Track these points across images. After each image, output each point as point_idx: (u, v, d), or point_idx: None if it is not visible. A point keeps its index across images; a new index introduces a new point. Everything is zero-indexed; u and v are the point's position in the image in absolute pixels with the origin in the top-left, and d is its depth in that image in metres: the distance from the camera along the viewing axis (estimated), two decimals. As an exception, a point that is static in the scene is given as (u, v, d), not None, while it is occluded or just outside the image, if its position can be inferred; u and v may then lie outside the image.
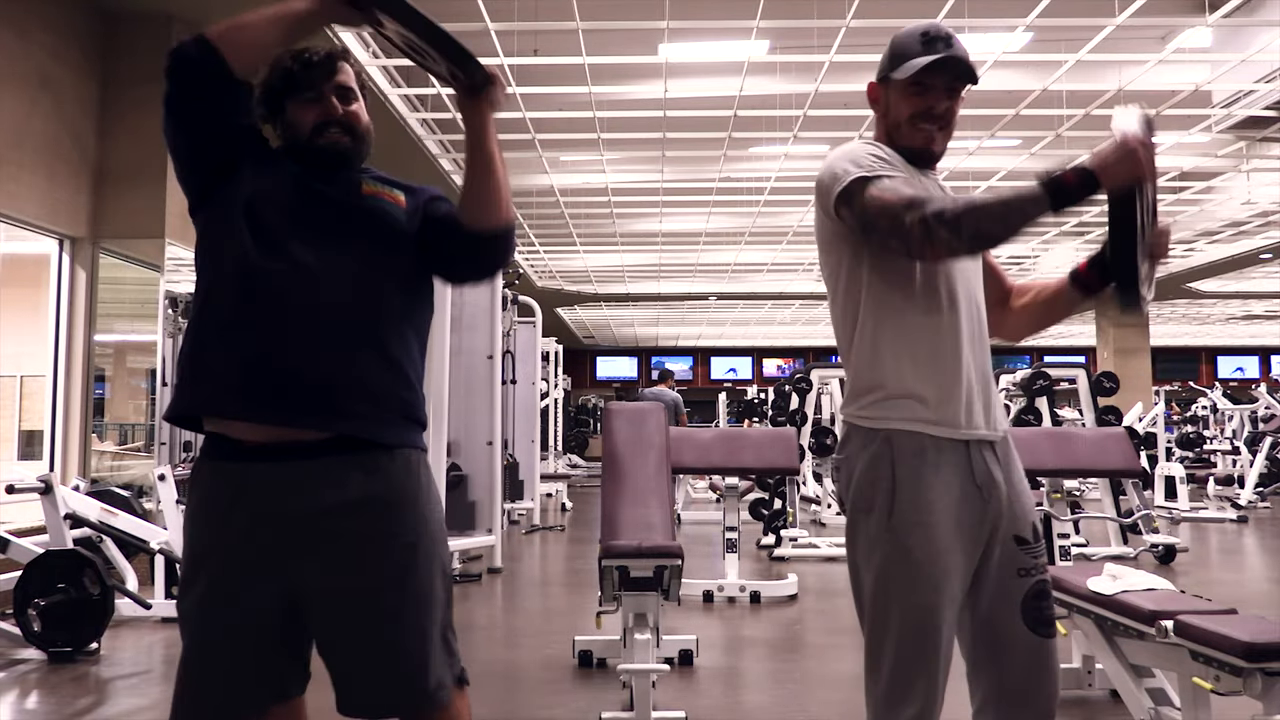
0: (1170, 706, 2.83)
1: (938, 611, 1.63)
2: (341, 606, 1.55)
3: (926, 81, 1.71)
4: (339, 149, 1.67)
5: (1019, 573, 1.69)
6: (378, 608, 1.55)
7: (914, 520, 1.63)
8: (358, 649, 1.56)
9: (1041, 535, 1.75)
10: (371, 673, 1.55)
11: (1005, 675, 1.68)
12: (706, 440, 5.69)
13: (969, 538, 1.67)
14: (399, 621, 1.55)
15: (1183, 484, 9.60)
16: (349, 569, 1.55)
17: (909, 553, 1.63)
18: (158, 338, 6.43)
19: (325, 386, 1.55)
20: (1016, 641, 1.67)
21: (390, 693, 1.56)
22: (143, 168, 6.41)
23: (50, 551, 4.24)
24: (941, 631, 1.64)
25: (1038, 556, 1.72)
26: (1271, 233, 13.27)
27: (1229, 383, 21.19)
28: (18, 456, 9.28)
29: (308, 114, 1.66)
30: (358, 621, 1.55)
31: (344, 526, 1.55)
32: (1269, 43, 7.05)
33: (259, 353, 1.53)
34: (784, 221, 12.93)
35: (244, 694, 1.56)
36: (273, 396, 1.53)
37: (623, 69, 8.00)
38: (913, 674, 1.62)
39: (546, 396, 11.91)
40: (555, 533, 8.98)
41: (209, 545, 1.57)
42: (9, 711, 3.52)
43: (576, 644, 4.00)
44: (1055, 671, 1.70)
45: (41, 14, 5.92)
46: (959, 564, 1.66)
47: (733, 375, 26.76)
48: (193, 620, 1.57)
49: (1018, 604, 1.67)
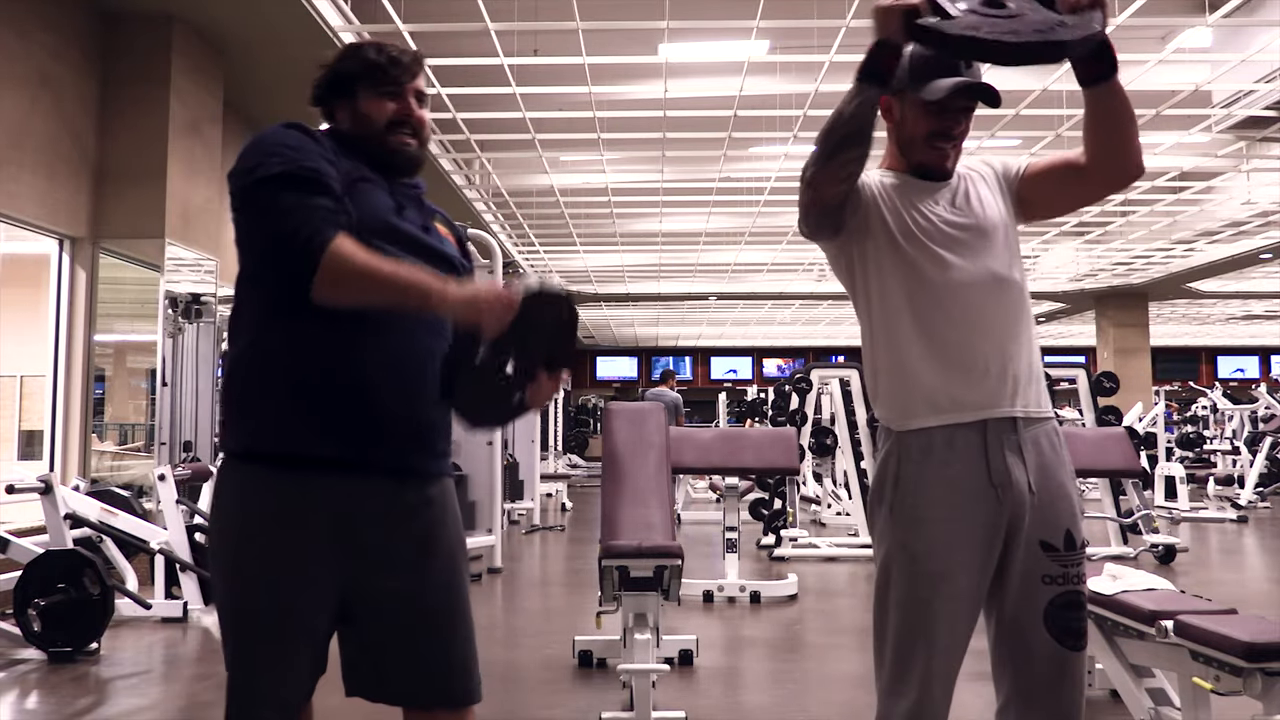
0: (1170, 706, 2.83)
1: (932, 605, 1.65)
2: (400, 608, 1.61)
3: (949, 104, 1.70)
4: (408, 153, 1.66)
5: (1043, 580, 1.66)
6: (439, 608, 1.63)
7: (912, 516, 1.67)
8: (414, 646, 1.61)
9: (1079, 544, 1.69)
10: (425, 668, 1.62)
11: (1026, 681, 1.67)
12: (706, 440, 5.70)
13: (981, 536, 1.66)
14: (455, 622, 1.64)
15: (1183, 484, 9.61)
16: (409, 572, 1.61)
17: (905, 547, 1.67)
18: (158, 338, 6.43)
19: (428, 428, 1.62)
20: (1039, 649, 1.65)
21: (441, 685, 1.63)
22: (143, 168, 6.41)
23: (50, 551, 4.24)
24: (937, 626, 1.64)
25: (1068, 565, 1.67)
26: (1271, 233, 13.26)
27: (1229, 383, 21.19)
28: (18, 456, 9.29)
29: (384, 108, 1.63)
30: (418, 621, 1.61)
31: (404, 531, 1.61)
32: (1269, 43, 7.05)
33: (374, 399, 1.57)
34: (784, 221, 12.92)
35: (304, 685, 1.61)
36: (381, 439, 1.57)
37: (623, 69, 8.00)
38: (909, 666, 1.65)
39: (546, 396, 11.88)
40: (555, 533, 8.98)
41: (268, 545, 1.57)
42: (9, 711, 3.52)
43: (576, 644, 4.00)
44: (1079, 683, 1.67)
45: (41, 14, 5.92)
46: (966, 560, 1.65)
47: (733, 375, 26.76)
48: (254, 615, 1.58)
49: (1040, 611, 1.65)
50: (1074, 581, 1.67)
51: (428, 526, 1.64)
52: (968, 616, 1.68)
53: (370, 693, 1.63)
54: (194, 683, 3.87)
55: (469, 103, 8.51)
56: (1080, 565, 1.69)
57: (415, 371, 1.59)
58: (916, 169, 1.74)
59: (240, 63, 7.21)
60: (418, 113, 1.66)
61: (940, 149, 1.73)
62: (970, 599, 1.67)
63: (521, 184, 11.20)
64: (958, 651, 1.67)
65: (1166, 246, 14.51)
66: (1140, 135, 1.72)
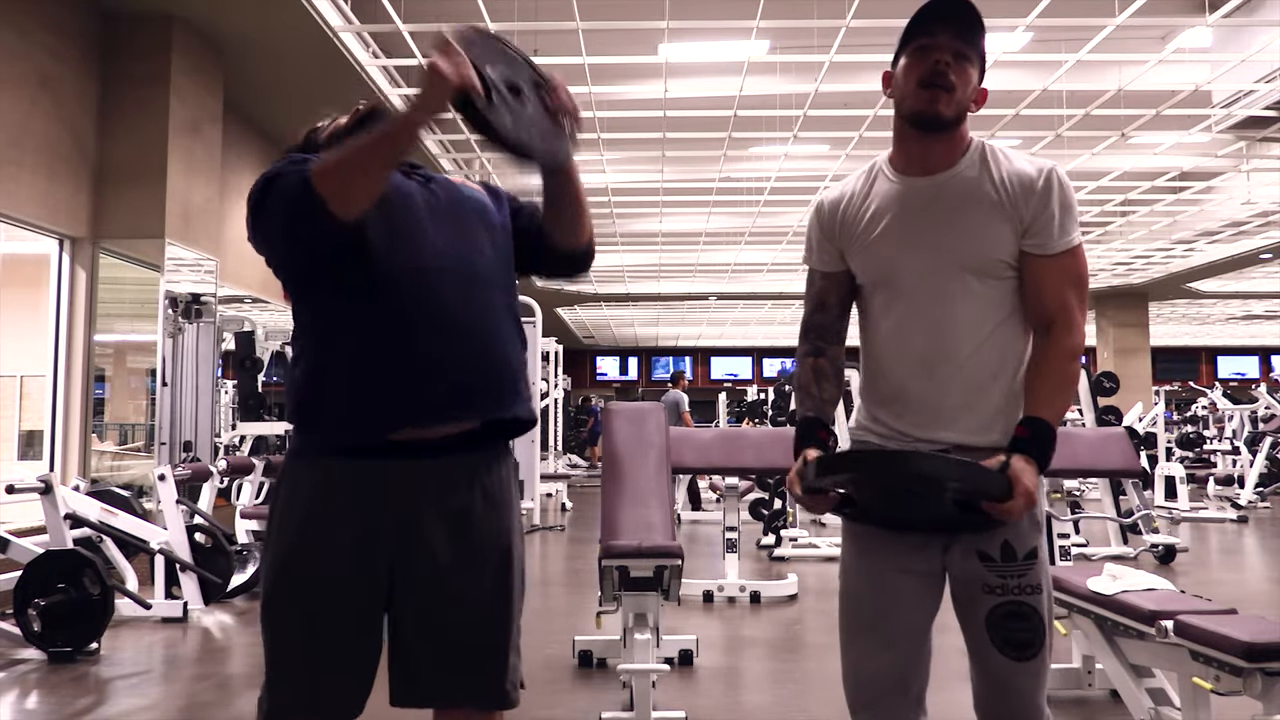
0: (1170, 706, 2.83)
1: (865, 598, 1.72)
2: (443, 597, 1.59)
3: (928, 42, 1.64)
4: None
5: (984, 589, 1.64)
6: (469, 596, 1.60)
7: (848, 513, 1.74)
8: (441, 636, 1.59)
9: (1022, 555, 1.63)
10: (458, 662, 1.59)
11: (980, 688, 1.69)
12: (706, 440, 5.69)
13: (916, 534, 1.69)
14: (490, 615, 1.62)
15: (1183, 484, 9.61)
16: (458, 562, 1.59)
17: (844, 537, 1.79)
18: (158, 338, 6.43)
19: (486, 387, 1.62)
20: (989, 659, 1.65)
21: (472, 684, 1.60)
22: (143, 168, 6.41)
23: (50, 551, 4.24)
24: (865, 615, 1.72)
25: (1008, 576, 1.62)
26: (1271, 233, 13.27)
27: (1229, 383, 21.20)
28: (18, 456, 9.30)
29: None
30: (448, 607, 1.59)
31: (459, 523, 1.60)
32: (1269, 43, 7.06)
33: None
34: (784, 221, 12.93)
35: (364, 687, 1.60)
36: (449, 399, 1.58)
37: (623, 69, 8.00)
38: (849, 651, 1.75)
39: (546, 396, 11.91)
40: (555, 533, 8.98)
41: (327, 539, 1.58)
42: (9, 711, 3.52)
43: (576, 644, 4.00)
44: (1026, 695, 1.64)
45: (41, 14, 5.92)
46: (903, 552, 1.68)
47: (733, 376, 26.77)
48: (297, 612, 1.58)
49: (983, 619, 1.64)
50: (1016, 592, 1.62)
51: (467, 506, 1.60)
52: (909, 610, 1.70)
53: (403, 697, 1.60)
54: (194, 683, 3.87)
55: (469, 103, 8.50)
56: (1026, 576, 1.63)
57: (466, 333, 1.58)
58: (911, 120, 1.67)
59: (240, 63, 7.21)
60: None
61: (928, 93, 1.63)
62: (911, 596, 1.69)
63: (521, 184, 11.20)
64: (894, 644, 1.69)
65: (1166, 246, 14.51)
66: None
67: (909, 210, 1.69)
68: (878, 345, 1.73)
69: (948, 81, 1.62)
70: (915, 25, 1.65)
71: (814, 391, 1.76)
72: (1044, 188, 1.63)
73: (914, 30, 1.65)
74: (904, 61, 1.67)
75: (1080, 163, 9.89)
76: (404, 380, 1.55)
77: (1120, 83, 7.67)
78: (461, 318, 1.58)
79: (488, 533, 1.62)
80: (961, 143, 1.69)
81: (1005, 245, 1.64)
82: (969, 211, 1.65)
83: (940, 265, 1.65)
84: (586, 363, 26.83)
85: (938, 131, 1.66)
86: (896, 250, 1.68)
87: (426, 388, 1.55)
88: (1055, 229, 1.63)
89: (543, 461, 10.75)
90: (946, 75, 1.62)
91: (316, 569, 1.57)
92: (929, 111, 1.64)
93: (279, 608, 1.59)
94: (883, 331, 1.72)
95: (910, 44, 1.66)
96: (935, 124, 1.65)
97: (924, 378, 1.66)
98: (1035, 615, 1.63)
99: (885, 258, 1.69)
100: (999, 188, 1.65)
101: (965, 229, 1.65)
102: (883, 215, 1.70)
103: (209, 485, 5.86)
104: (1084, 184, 10.79)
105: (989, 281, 1.65)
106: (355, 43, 7.06)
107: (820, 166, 10.44)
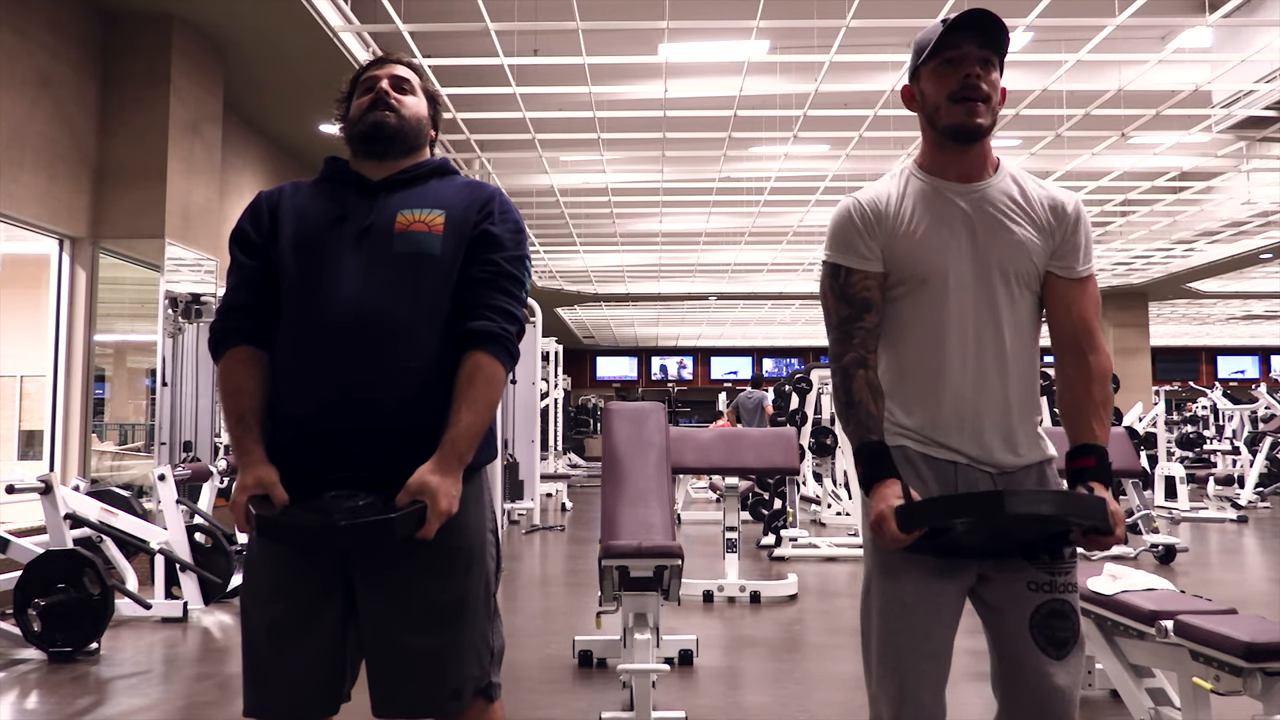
0: (1170, 706, 2.83)
1: (914, 612, 1.66)
2: (386, 608, 1.61)
3: (954, 54, 1.65)
4: (382, 125, 1.74)
5: (1029, 586, 1.65)
6: (416, 610, 1.61)
7: (935, 544, 1.67)
8: (391, 650, 1.61)
9: (1068, 554, 1.67)
10: (398, 673, 1.61)
11: (1014, 689, 1.66)
12: (706, 440, 5.69)
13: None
14: (431, 625, 1.61)
15: (1183, 484, 9.60)
16: (394, 569, 1.61)
17: (885, 555, 1.68)
18: (158, 338, 6.43)
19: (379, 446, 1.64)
20: (1027, 658, 1.64)
21: (412, 694, 1.61)
22: (143, 168, 6.42)
23: (50, 551, 4.24)
24: (916, 632, 1.65)
25: (1056, 574, 1.66)
26: (1271, 233, 13.28)
27: (1229, 383, 21.20)
28: (18, 456, 9.29)
29: (362, 102, 1.78)
30: (396, 623, 1.61)
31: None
32: (1269, 43, 7.06)
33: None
34: (784, 221, 12.93)
35: (333, 691, 1.64)
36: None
37: (623, 69, 8.00)
38: (894, 670, 1.66)
39: (546, 396, 11.91)
40: (555, 533, 8.98)
41: (260, 552, 1.66)
42: (9, 711, 3.52)
43: (576, 644, 4.00)
44: (1064, 694, 1.64)
45: (41, 14, 5.92)
46: (938, 565, 1.66)
47: (733, 376, 26.77)
48: (265, 624, 1.62)
49: (1027, 616, 1.64)
50: (1061, 590, 1.66)
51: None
52: (950, 620, 1.68)
53: (374, 708, 1.63)
54: (194, 683, 3.87)
55: (469, 103, 8.51)
56: (1069, 575, 1.67)
57: (350, 397, 1.59)
58: (947, 133, 1.68)
59: (240, 63, 7.21)
60: (390, 92, 1.77)
61: (963, 105, 1.66)
62: (941, 596, 1.67)
63: (521, 184, 11.20)
64: (941, 655, 1.67)
65: (1166, 246, 14.52)
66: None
67: (951, 213, 1.70)
68: (912, 345, 1.71)
69: (981, 93, 1.65)
70: (940, 41, 1.66)
71: (872, 410, 1.66)
72: (1075, 216, 1.73)
73: (939, 45, 1.66)
74: (930, 75, 1.68)
75: (1080, 163, 9.89)
76: (283, 439, 1.61)
77: (1120, 83, 7.67)
78: (346, 380, 1.58)
79: (444, 535, 1.59)
80: (991, 151, 1.74)
81: (1041, 259, 1.71)
82: (1011, 222, 1.69)
83: (983, 270, 1.68)
84: (586, 363, 26.84)
85: (978, 140, 1.70)
86: (939, 251, 1.69)
87: (296, 449, 1.59)
88: (1081, 255, 1.73)
89: (542, 461, 10.75)
90: (979, 86, 1.65)
91: (271, 571, 1.63)
92: (969, 125, 1.67)
93: (244, 608, 1.67)
94: (918, 331, 1.71)
95: (935, 58, 1.67)
96: (976, 135, 1.68)
97: (962, 379, 1.68)
98: (1074, 614, 1.66)
99: (928, 258, 1.69)
100: (1035, 206, 1.71)
101: (1009, 238, 1.69)
102: (924, 216, 1.71)
103: (209, 485, 5.85)
104: (1084, 184, 10.79)
105: (1025, 292, 1.71)
106: (355, 43, 7.06)
107: (820, 166, 10.43)
